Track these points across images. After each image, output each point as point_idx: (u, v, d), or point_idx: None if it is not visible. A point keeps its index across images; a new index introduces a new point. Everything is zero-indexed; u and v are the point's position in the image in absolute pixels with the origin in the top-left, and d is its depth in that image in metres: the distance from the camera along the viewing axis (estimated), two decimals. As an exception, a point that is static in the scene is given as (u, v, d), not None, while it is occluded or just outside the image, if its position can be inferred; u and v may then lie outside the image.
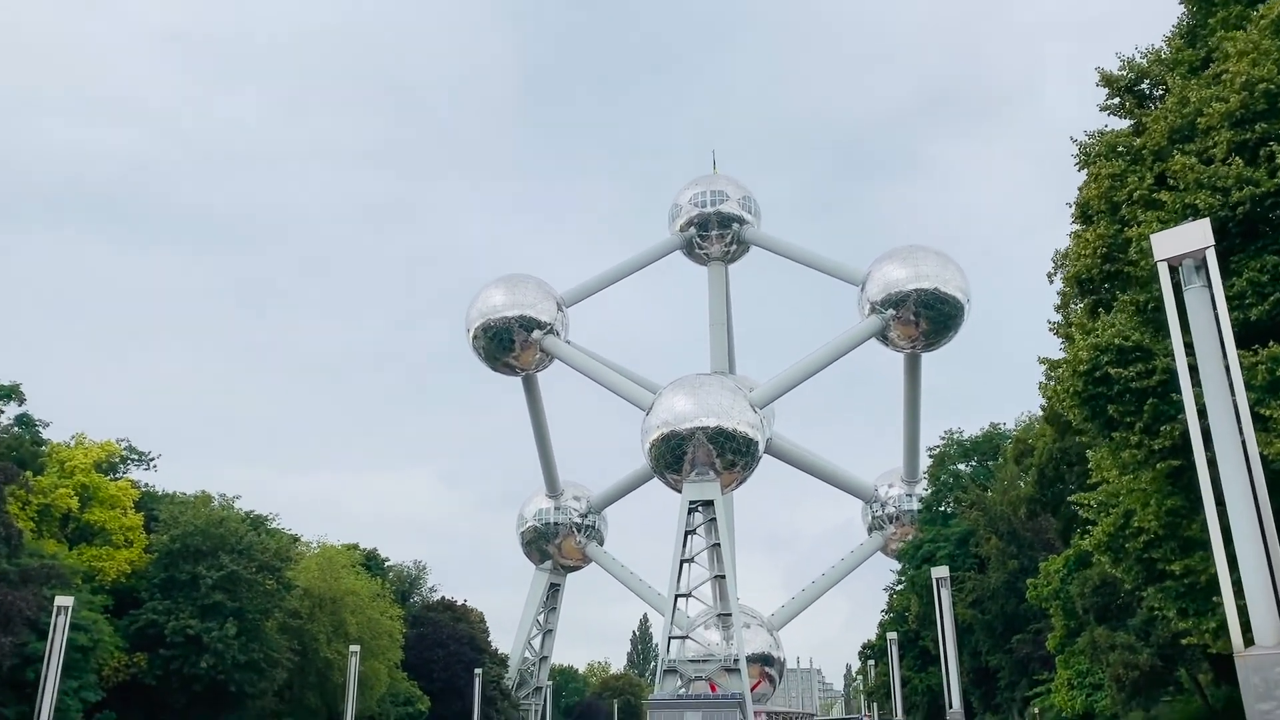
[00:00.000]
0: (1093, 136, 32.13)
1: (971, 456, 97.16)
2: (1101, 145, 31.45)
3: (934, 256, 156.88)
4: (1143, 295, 28.13)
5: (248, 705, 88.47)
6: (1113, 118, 32.71)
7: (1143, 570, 31.43)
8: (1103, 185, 30.13)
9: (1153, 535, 29.21)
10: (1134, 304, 28.44)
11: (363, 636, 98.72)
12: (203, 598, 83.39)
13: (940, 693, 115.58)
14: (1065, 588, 62.22)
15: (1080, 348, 28.47)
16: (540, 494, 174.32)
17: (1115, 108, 32.47)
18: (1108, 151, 30.92)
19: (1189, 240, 22.19)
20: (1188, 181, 26.83)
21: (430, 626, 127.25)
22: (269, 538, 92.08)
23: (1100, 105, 32.47)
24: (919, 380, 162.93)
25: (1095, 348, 27.96)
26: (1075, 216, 32.45)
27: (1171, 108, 28.63)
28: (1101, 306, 30.50)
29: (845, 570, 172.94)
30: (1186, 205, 26.29)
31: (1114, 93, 32.15)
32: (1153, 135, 28.83)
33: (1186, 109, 28.11)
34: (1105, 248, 29.83)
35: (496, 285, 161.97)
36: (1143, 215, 27.97)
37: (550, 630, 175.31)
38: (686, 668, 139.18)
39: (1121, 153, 30.66)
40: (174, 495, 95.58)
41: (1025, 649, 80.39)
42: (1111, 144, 31.12)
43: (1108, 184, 29.97)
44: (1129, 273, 28.99)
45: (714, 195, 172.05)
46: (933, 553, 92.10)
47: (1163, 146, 28.64)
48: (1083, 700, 62.27)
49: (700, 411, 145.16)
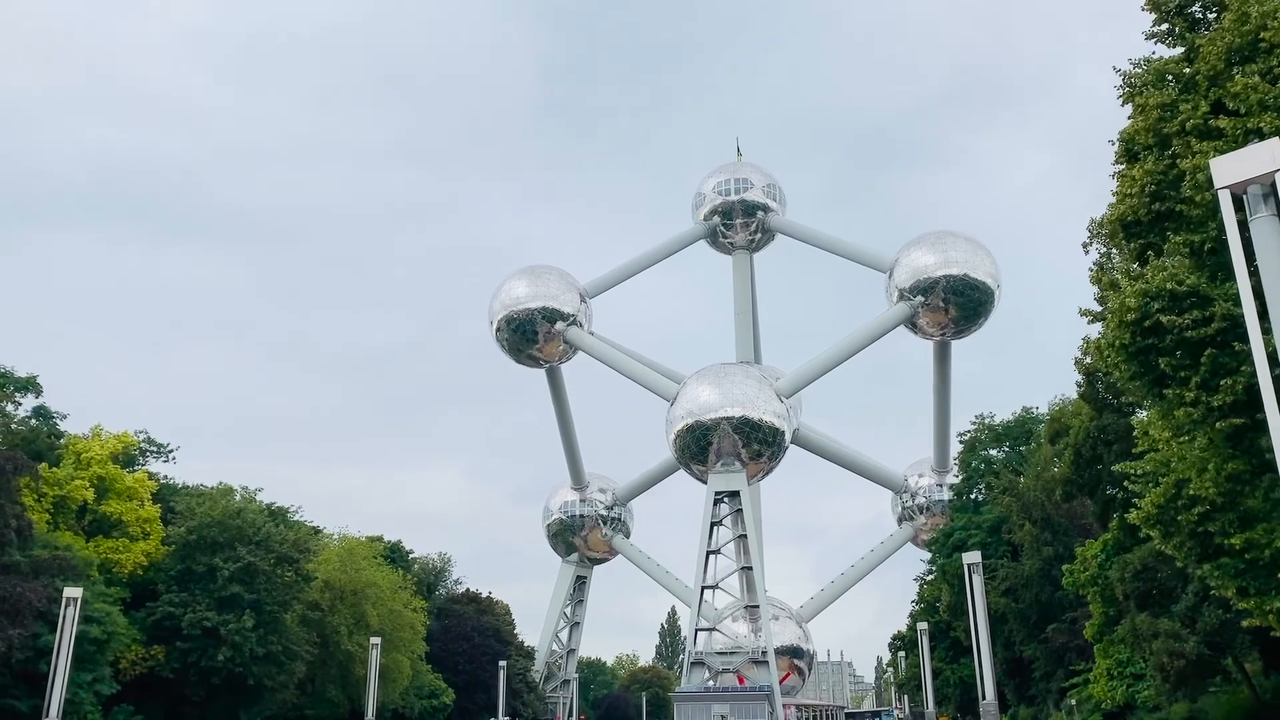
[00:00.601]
0: (1138, 65, 28.95)
1: (1004, 442, 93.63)
2: (1149, 73, 28.27)
3: (963, 242, 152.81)
4: (1198, 236, 25.04)
5: (267, 698, 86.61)
6: (1160, 45, 29.46)
7: (1197, 545, 28.31)
8: (1151, 117, 27.03)
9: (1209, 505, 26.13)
10: (1188, 245, 25.36)
11: (384, 628, 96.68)
12: (220, 590, 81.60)
13: (973, 684, 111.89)
14: (1104, 573, 58.82)
15: (1128, 294, 25.36)
16: (566, 487, 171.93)
17: (1163, 34, 29.21)
18: (1156, 80, 27.79)
19: (1255, 163, 19.14)
20: (1250, 104, 23.78)
21: (455, 619, 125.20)
22: (287, 529, 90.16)
23: (1146, 33, 29.21)
24: (948, 368, 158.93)
25: (1144, 294, 24.87)
26: (1119, 155, 29.28)
27: (1230, 26, 25.52)
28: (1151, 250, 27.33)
29: (875, 562, 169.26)
30: (1249, 130, 23.23)
31: (1162, 17, 28.93)
32: (1208, 58, 25.71)
33: (1247, 26, 24.99)
34: (1154, 185, 26.71)
35: (519, 276, 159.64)
36: (1197, 146, 24.87)
37: (577, 623, 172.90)
38: (714, 660, 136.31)
39: (1171, 81, 27.52)
40: (192, 488, 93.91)
41: (1061, 638, 76.91)
42: (1160, 71, 27.98)
43: (1156, 115, 26.86)
44: (1182, 211, 25.87)
45: (738, 183, 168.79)
46: (964, 540, 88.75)
47: (1219, 70, 25.56)
48: (1123, 691, 58.85)
49: (725, 401, 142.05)
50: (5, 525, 65.87)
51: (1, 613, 62.60)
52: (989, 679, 57.33)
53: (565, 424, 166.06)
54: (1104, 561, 59.03)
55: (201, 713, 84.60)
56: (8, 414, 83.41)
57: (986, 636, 57.35)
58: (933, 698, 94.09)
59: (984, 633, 57.48)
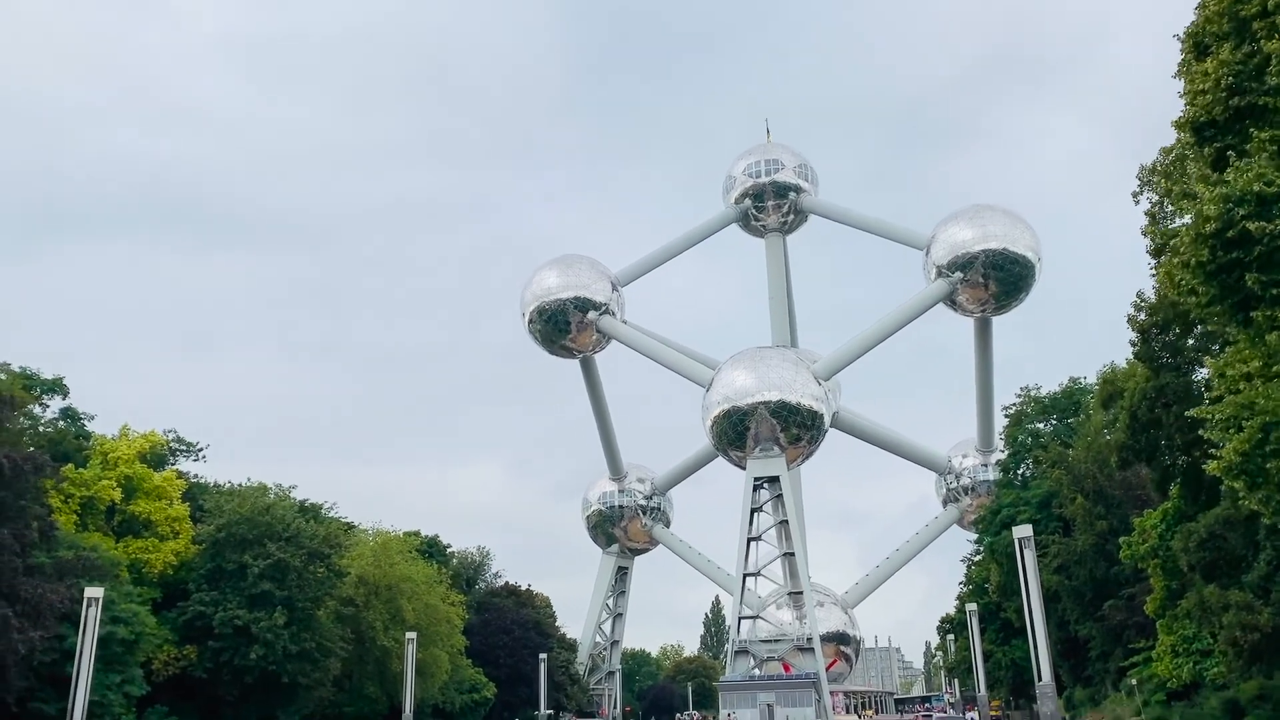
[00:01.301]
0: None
1: (1050, 415, 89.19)
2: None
3: (1002, 215, 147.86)
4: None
5: (303, 696, 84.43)
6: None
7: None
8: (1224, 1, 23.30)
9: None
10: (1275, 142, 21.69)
11: (420, 623, 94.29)
12: (250, 587, 79.50)
13: (1025, 666, 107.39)
14: (1165, 544, 54.71)
15: (1207, 201, 21.66)
16: (604, 478, 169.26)
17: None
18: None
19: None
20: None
21: (494, 612, 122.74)
22: (318, 525, 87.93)
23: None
24: (990, 345, 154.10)
25: (1226, 199, 21.21)
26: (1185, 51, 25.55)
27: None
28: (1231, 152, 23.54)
29: (921, 545, 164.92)
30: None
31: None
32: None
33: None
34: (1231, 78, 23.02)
35: (550, 267, 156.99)
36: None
37: (620, 614, 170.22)
38: (758, 648, 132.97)
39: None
40: (221, 486, 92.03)
41: (1119, 616, 72.59)
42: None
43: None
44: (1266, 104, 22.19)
45: (769, 164, 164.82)
46: (1012, 517, 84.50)
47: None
48: (1190, 669, 54.64)
49: (762, 386, 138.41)
50: (26, 526, 64.01)
51: (23, 614, 60.60)
52: (1044, 660, 53.39)
53: (601, 414, 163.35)
54: (1165, 532, 54.93)
55: (236, 712, 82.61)
56: (35, 416, 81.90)
57: (1041, 615, 53.48)
58: (984, 681, 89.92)
59: (1038, 611, 53.60)
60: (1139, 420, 51.42)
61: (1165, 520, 54.64)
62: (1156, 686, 70.47)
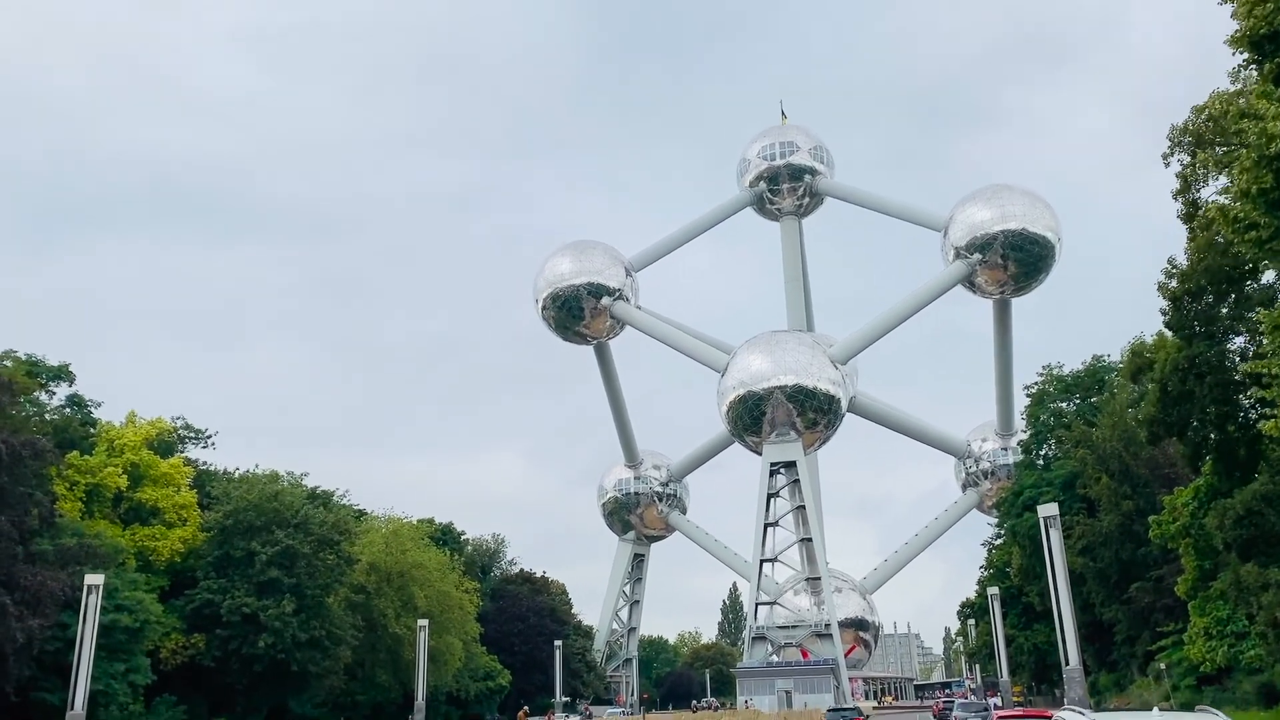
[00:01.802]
0: None
1: (1074, 393, 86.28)
2: None
3: (1021, 195, 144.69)
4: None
5: (314, 684, 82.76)
6: None
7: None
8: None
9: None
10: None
11: (432, 610, 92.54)
12: (258, 574, 77.82)
13: (1048, 651, 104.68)
14: (1198, 522, 52.00)
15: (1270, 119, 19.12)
16: (620, 465, 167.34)
17: None
18: None
19: None
20: None
21: (509, 600, 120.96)
22: (327, 512, 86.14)
23: None
24: (1009, 327, 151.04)
25: (1292, 116, 18.73)
26: (1236, -38, 23.02)
27: None
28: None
29: (940, 530, 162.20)
30: None
31: None
32: None
33: None
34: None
35: (563, 253, 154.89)
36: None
37: (637, 601, 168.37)
38: (776, 634, 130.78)
39: None
40: (231, 473, 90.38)
41: (1146, 598, 69.89)
42: None
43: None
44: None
45: (784, 147, 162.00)
46: (1034, 499, 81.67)
47: None
48: (1225, 652, 51.96)
49: (778, 370, 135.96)
50: (27, 513, 62.42)
51: (22, 602, 59.02)
52: (1071, 643, 50.89)
53: (616, 401, 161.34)
54: (1197, 509, 52.18)
55: (247, 701, 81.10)
56: (40, 403, 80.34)
57: (1067, 596, 50.95)
58: (1007, 666, 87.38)
59: (1064, 592, 51.09)
60: (1169, 393, 48.62)
61: (1197, 497, 51.89)
62: (1186, 670, 67.81)
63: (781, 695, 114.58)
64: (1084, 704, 51.25)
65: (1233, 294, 47.39)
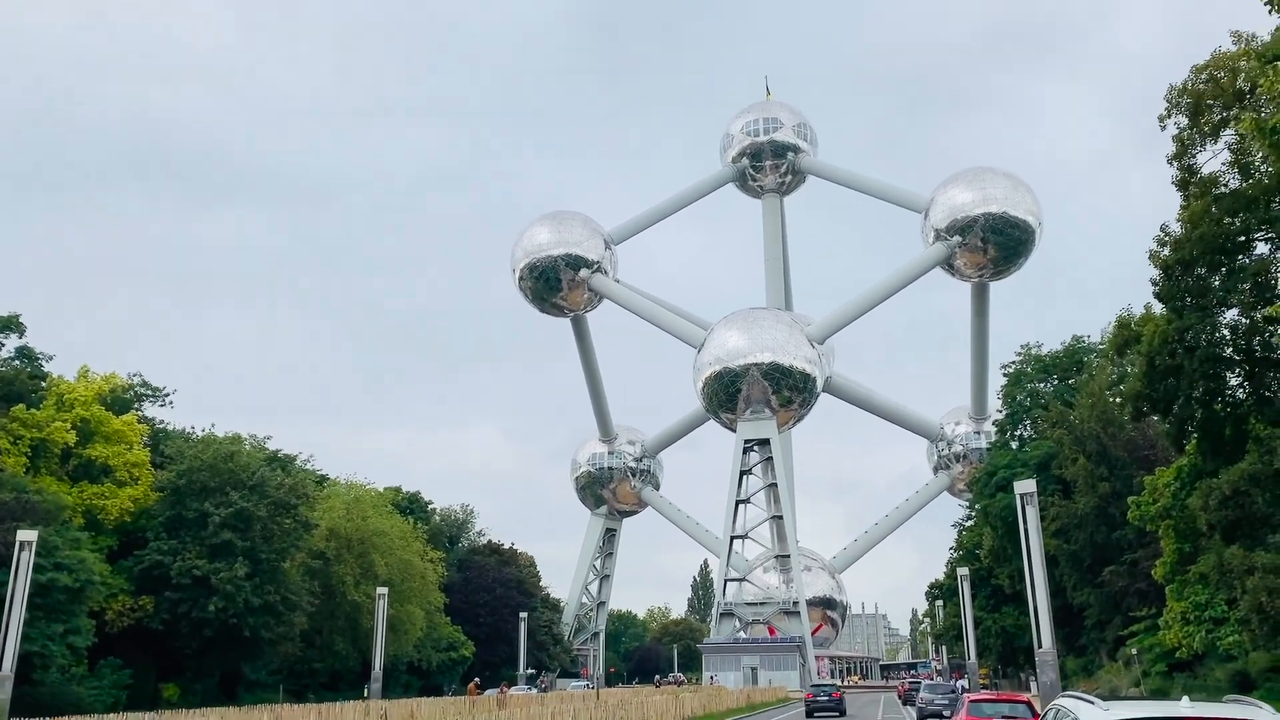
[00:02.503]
0: None
1: (1051, 374, 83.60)
2: None
3: (1003, 178, 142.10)
4: None
5: (268, 650, 79.53)
6: None
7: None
8: None
9: None
10: None
11: (393, 578, 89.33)
12: (211, 537, 74.30)
13: (1015, 634, 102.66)
14: (1180, 503, 49.44)
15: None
16: (594, 439, 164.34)
17: None
18: None
19: None
20: None
21: (476, 571, 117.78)
22: (285, 475, 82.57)
23: None
24: (987, 311, 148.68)
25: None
26: None
27: None
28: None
29: (910, 511, 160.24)
30: None
31: None
32: None
33: None
34: None
35: (542, 223, 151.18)
36: None
37: (607, 576, 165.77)
38: (744, 611, 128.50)
39: None
40: (188, 433, 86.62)
41: (1120, 582, 67.51)
42: None
43: None
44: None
45: (767, 123, 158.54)
46: (1009, 479, 79.10)
47: None
48: (1202, 637, 49.49)
49: (754, 347, 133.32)
50: (-39, 465, 58.77)
51: (-50, 558, 55.57)
52: (1045, 625, 48.21)
53: (592, 374, 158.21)
54: (1178, 490, 49.59)
55: (197, 665, 77.80)
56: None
57: (1042, 576, 48.25)
58: (975, 648, 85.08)
59: (1039, 573, 48.38)
60: (1156, 367, 45.75)
61: (1180, 478, 49.26)
62: (1157, 656, 65.53)
63: (747, 672, 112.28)
64: (1057, 688, 48.68)
65: (1224, 267, 44.72)
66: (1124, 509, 71.03)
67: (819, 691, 67.60)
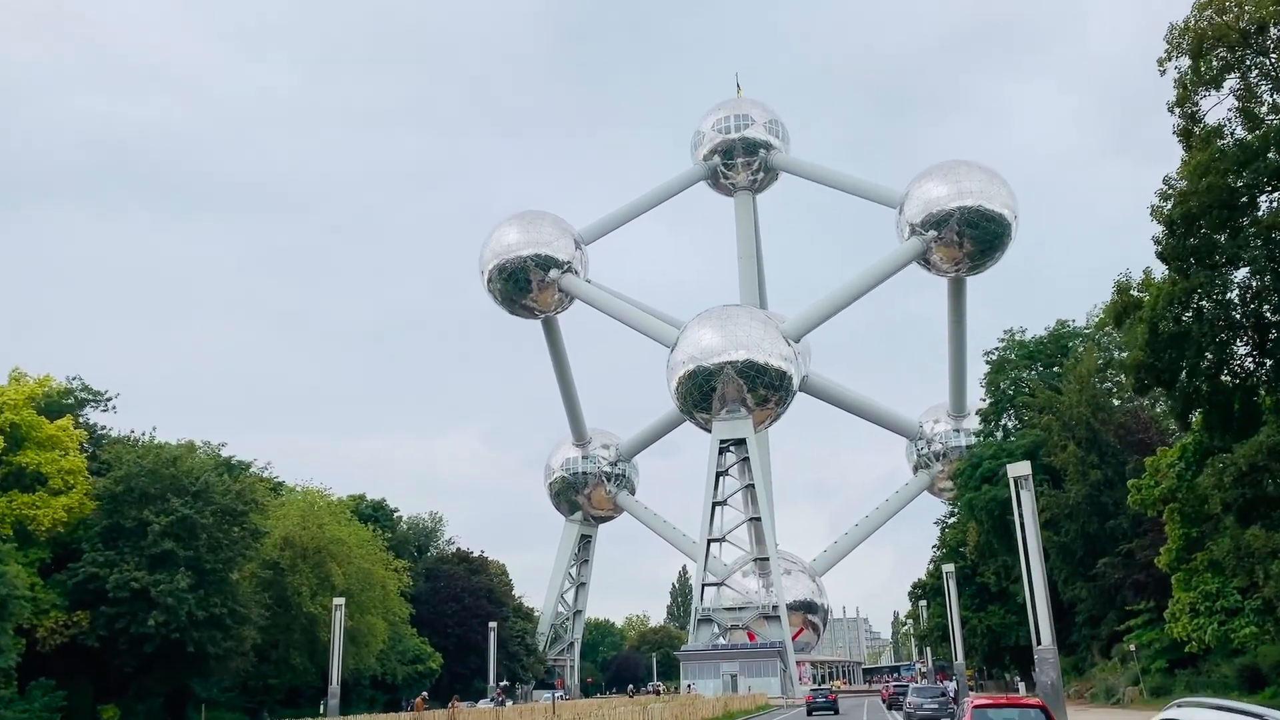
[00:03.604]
0: None
1: (1036, 359, 79.33)
2: None
3: (978, 171, 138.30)
4: None
5: (215, 666, 73.74)
6: None
7: None
8: None
9: None
10: None
11: (352, 588, 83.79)
12: (151, 546, 68.49)
13: (1002, 633, 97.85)
14: (1186, 483, 45.04)
15: None
16: (567, 443, 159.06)
17: None
18: None
19: None
20: None
21: (443, 580, 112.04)
22: (233, 481, 76.84)
23: None
24: (964, 306, 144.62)
25: None
26: None
27: None
28: None
29: (890, 511, 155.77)
30: None
31: None
32: None
33: None
34: None
35: (510, 223, 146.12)
36: None
37: (583, 584, 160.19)
38: (722, 616, 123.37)
39: None
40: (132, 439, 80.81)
41: (1115, 574, 63.09)
42: None
43: None
44: None
45: (739, 120, 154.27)
46: (994, 470, 74.77)
47: None
48: (1214, 630, 44.93)
49: (729, 345, 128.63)
50: None
51: None
52: (1044, 618, 43.53)
53: (564, 377, 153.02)
54: (1184, 470, 45.18)
55: (139, 684, 71.89)
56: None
57: (1039, 565, 43.61)
58: (961, 648, 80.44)
59: (1036, 562, 43.75)
60: (1160, 334, 41.32)
61: (1185, 457, 44.85)
62: (1156, 653, 61.14)
63: (726, 679, 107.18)
64: (1058, 689, 43.97)
65: (1230, 224, 40.43)
66: (1117, 497, 66.66)
67: (818, 694, 78.48)
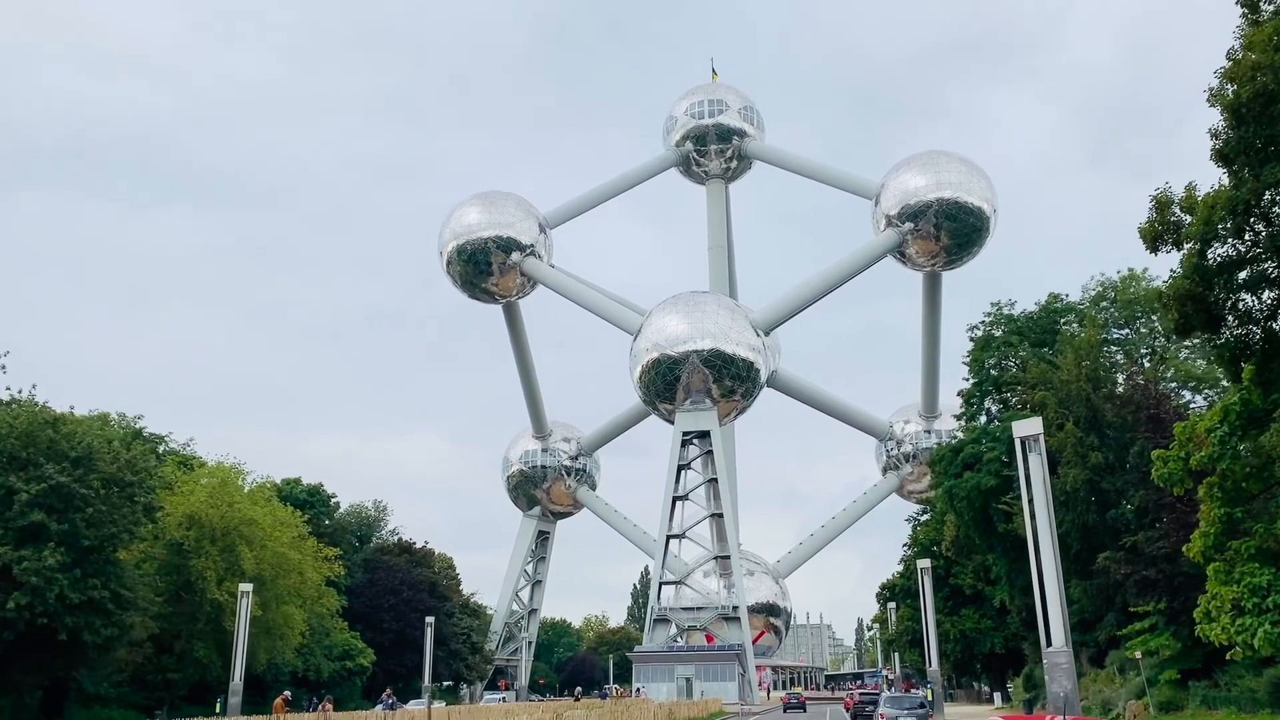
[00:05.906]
0: None
1: (1025, 337, 69.79)
2: None
3: (958, 162, 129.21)
4: None
5: (97, 657, 62.64)
6: None
7: None
8: None
9: None
10: None
11: (264, 574, 72.96)
12: (16, 518, 57.41)
13: (975, 639, 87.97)
14: (1230, 451, 35.41)
15: None
16: (527, 435, 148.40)
17: None
18: None
19: None
20: None
21: (383, 571, 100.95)
22: (124, 449, 65.76)
23: None
24: (939, 302, 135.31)
25: None
26: None
27: None
28: None
29: (858, 513, 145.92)
30: None
31: None
32: None
33: None
34: None
35: (472, 203, 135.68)
36: None
37: (539, 581, 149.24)
38: (680, 616, 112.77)
39: None
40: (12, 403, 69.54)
41: (1119, 570, 53.32)
42: None
43: None
44: None
45: (713, 105, 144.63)
46: (977, 456, 65.07)
47: None
48: (1264, 632, 35.17)
49: (695, 333, 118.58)
50: None
51: None
52: (1056, 615, 33.81)
53: (524, 366, 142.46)
54: (1227, 436, 35.49)
55: (2, 678, 60.60)
56: None
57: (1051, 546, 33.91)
58: (937, 651, 70.58)
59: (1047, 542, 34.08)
60: (1209, 264, 31.65)
61: (1229, 420, 35.14)
62: (1164, 661, 51.40)
63: (681, 683, 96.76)
64: (1073, 702, 34.07)
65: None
66: (1118, 484, 56.92)
67: (792, 696, 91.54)
